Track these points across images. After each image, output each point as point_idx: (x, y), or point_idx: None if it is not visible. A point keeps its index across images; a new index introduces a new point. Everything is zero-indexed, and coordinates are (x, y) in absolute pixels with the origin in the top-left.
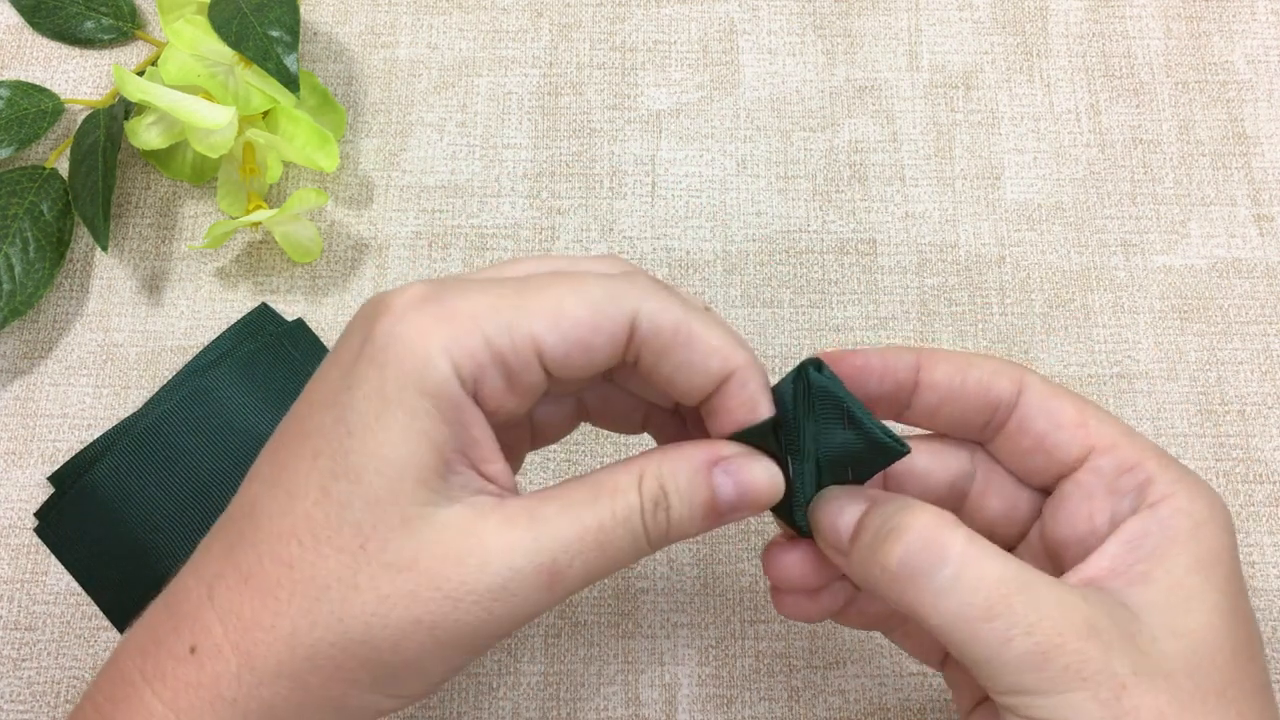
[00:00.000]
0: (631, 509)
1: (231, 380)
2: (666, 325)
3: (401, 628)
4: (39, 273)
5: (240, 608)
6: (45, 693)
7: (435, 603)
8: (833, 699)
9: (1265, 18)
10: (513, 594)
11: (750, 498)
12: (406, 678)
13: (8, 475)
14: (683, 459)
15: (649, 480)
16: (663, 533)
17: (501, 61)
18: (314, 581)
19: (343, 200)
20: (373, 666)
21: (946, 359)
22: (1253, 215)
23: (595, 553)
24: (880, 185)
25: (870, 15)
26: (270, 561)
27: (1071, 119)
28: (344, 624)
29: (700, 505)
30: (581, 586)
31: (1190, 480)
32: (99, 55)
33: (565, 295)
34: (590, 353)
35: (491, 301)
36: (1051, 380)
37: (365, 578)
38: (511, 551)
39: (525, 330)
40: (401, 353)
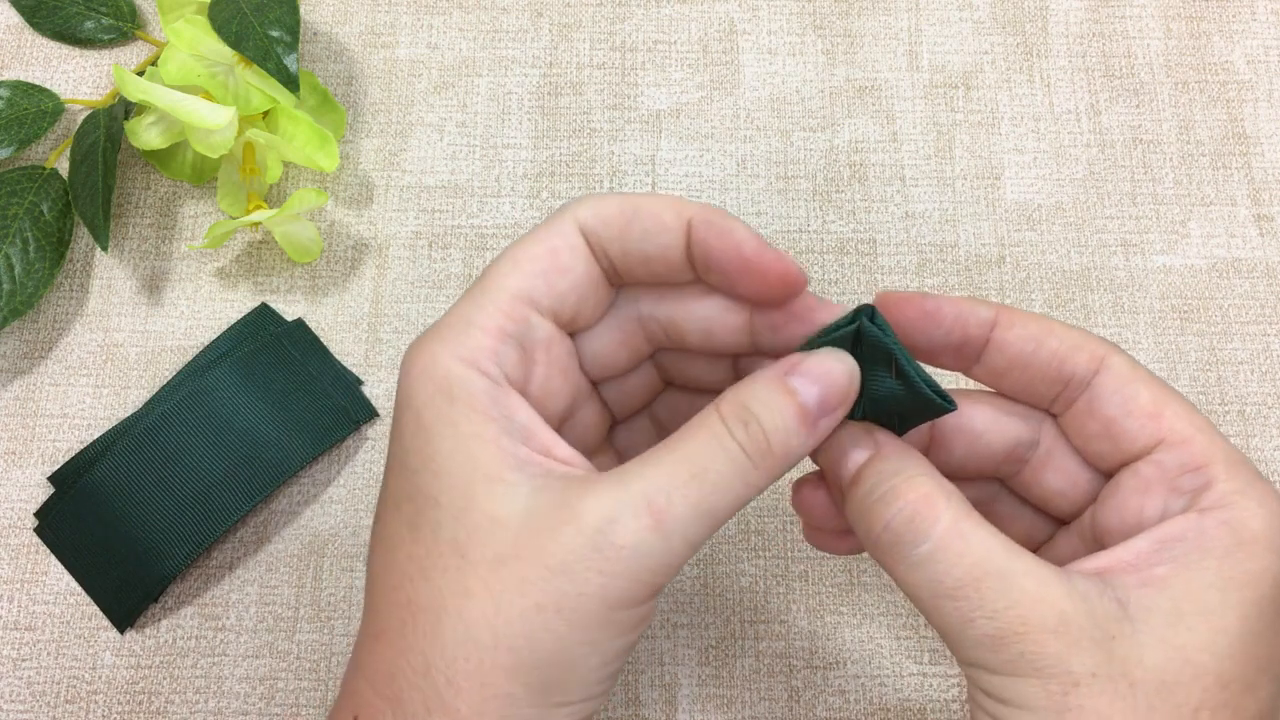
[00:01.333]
0: (717, 433)
1: (231, 380)
2: (612, 210)
3: (525, 618)
4: (39, 273)
5: (379, 662)
6: (45, 693)
7: (547, 581)
8: (833, 699)
9: (1265, 18)
10: (620, 546)
11: (833, 388)
12: (561, 680)
13: (8, 475)
14: (754, 379)
15: (726, 405)
16: (763, 448)
17: (501, 61)
18: (430, 606)
19: (343, 200)
20: (518, 673)
21: (1026, 322)
22: (1253, 215)
23: (693, 484)
24: (880, 185)
25: (870, 15)
26: (389, 608)
27: (1071, 119)
28: (470, 634)
29: (790, 410)
30: (700, 528)
31: (1257, 492)
32: (99, 55)
33: (515, 249)
34: (566, 271)
35: (466, 300)
36: (1139, 364)
37: (476, 582)
38: (602, 504)
39: (502, 295)
40: (420, 382)
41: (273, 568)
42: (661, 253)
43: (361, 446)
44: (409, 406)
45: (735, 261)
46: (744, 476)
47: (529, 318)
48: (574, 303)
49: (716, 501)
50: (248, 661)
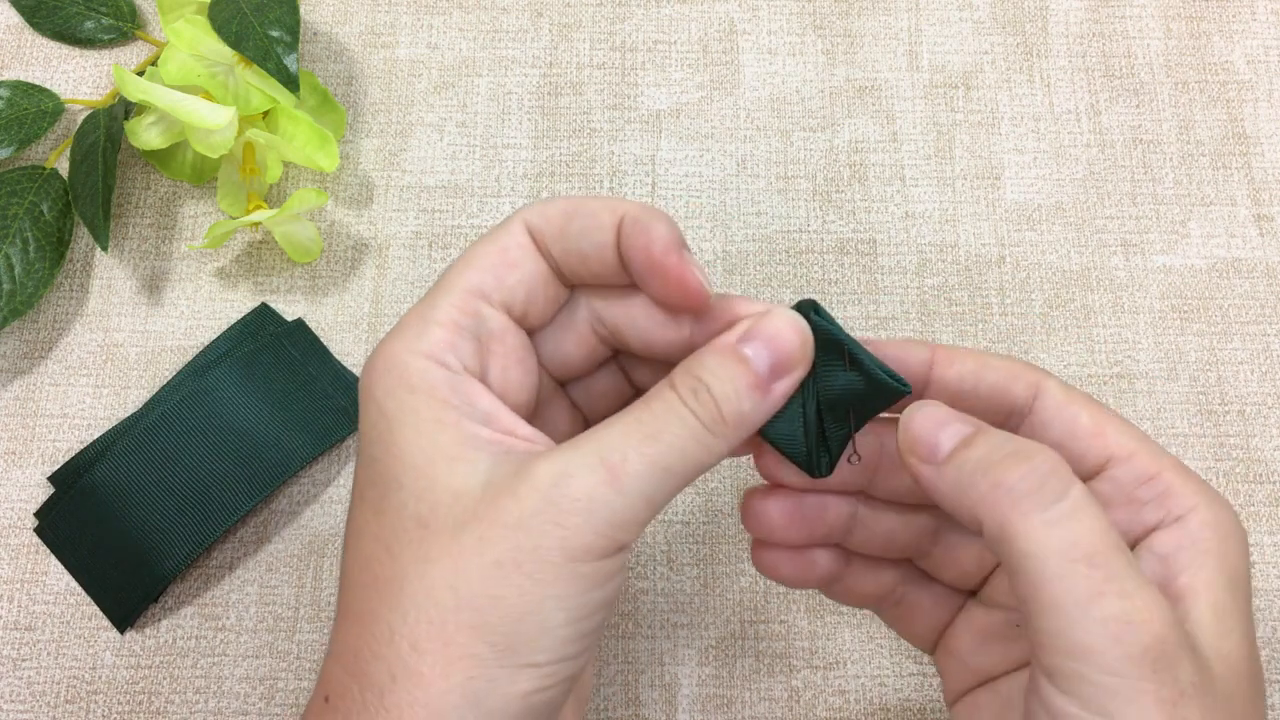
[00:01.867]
0: (669, 400)
1: (231, 380)
2: (554, 211)
3: (485, 575)
4: (39, 273)
5: (347, 641)
6: (45, 693)
7: (505, 538)
8: (833, 699)
9: (1265, 18)
10: (575, 498)
11: (785, 351)
12: (528, 638)
13: (8, 475)
14: (706, 348)
15: (679, 375)
16: (715, 414)
17: (501, 61)
18: (394, 578)
19: (343, 200)
20: (483, 632)
21: (962, 358)
22: (1253, 215)
23: (647, 443)
24: (880, 185)
25: (870, 15)
26: (357, 589)
27: (1071, 119)
28: (431, 597)
29: (740, 377)
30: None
31: (1209, 493)
32: (99, 55)
33: (470, 252)
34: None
35: (421, 302)
36: (1070, 385)
37: (436, 549)
38: (555, 463)
39: (456, 291)
40: (379, 378)
41: (273, 568)
42: (597, 251)
43: None
44: (371, 400)
45: (644, 261)
46: (700, 441)
47: (480, 310)
48: (523, 297)
49: (672, 461)
50: (248, 661)
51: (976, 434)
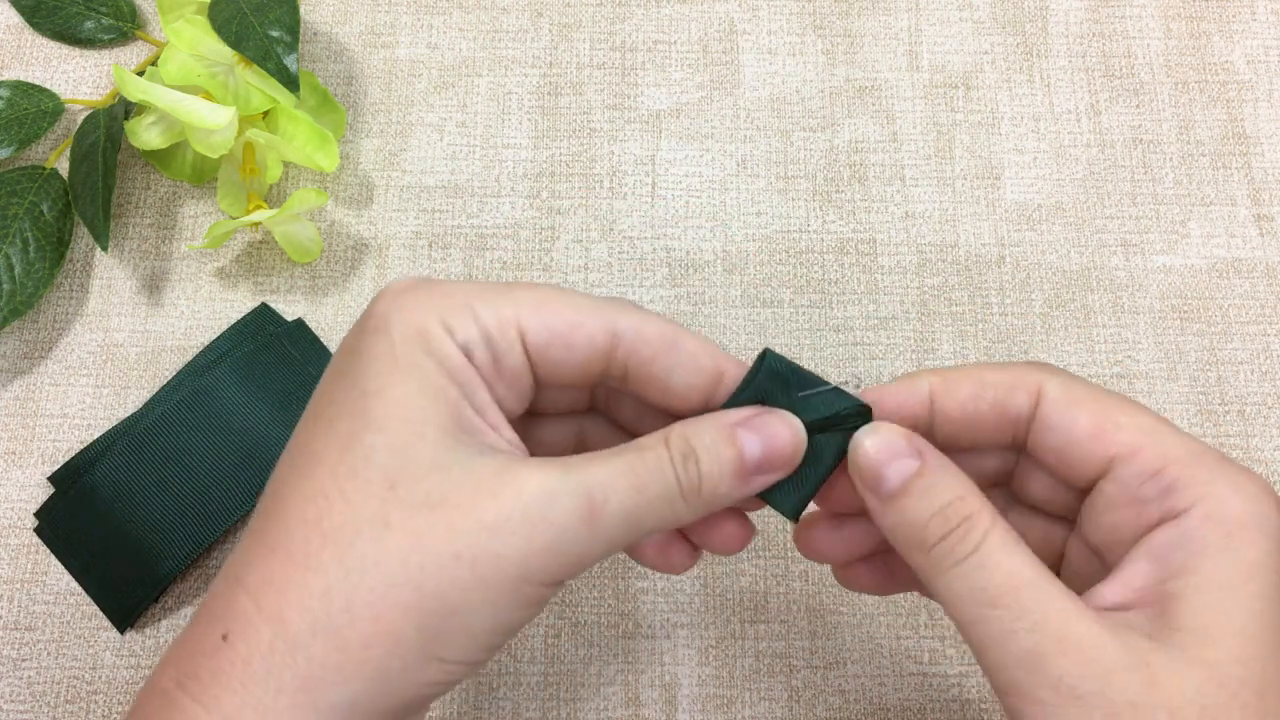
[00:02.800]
0: (662, 459)
1: (231, 380)
2: (652, 332)
3: (441, 564)
4: (39, 273)
5: (270, 577)
6: (45, 693)
7: (472, 534)
8: (833, 699)
9: (1265, 18)
10: (551, 522)
11: (776, 449)
12: (451, 634)
13: (8, 475)
14: (707, 421)
15: (675, 438)
16: (695, 486)
17: (501, 61)
18: (344, 529)
19: (343, 200)
20: (415, 616)
21: (959, 384)
22: (1253, 215)
23: (631, 493)
24: (880, 185)
25: (870, 15)
26: (297, 524)
27: (1071, 119)
28: (380, 566)
29: (728, 461)
30: (622, 534)
31: (1227, 478)
32: (99, 55)
33: (551, 294)
34: (570, 350)
35: (480, 289)
36: (1074, 381)
37: (399, 516)
38: (546, 481)
39: (510, 313)
40: (403, 321)
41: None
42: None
43: None
44: (384, 333)
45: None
46: (672, 506)
47: (514, 346)
48: (551, 370)
49: (645, 516)
50: None
51: (917, 476)
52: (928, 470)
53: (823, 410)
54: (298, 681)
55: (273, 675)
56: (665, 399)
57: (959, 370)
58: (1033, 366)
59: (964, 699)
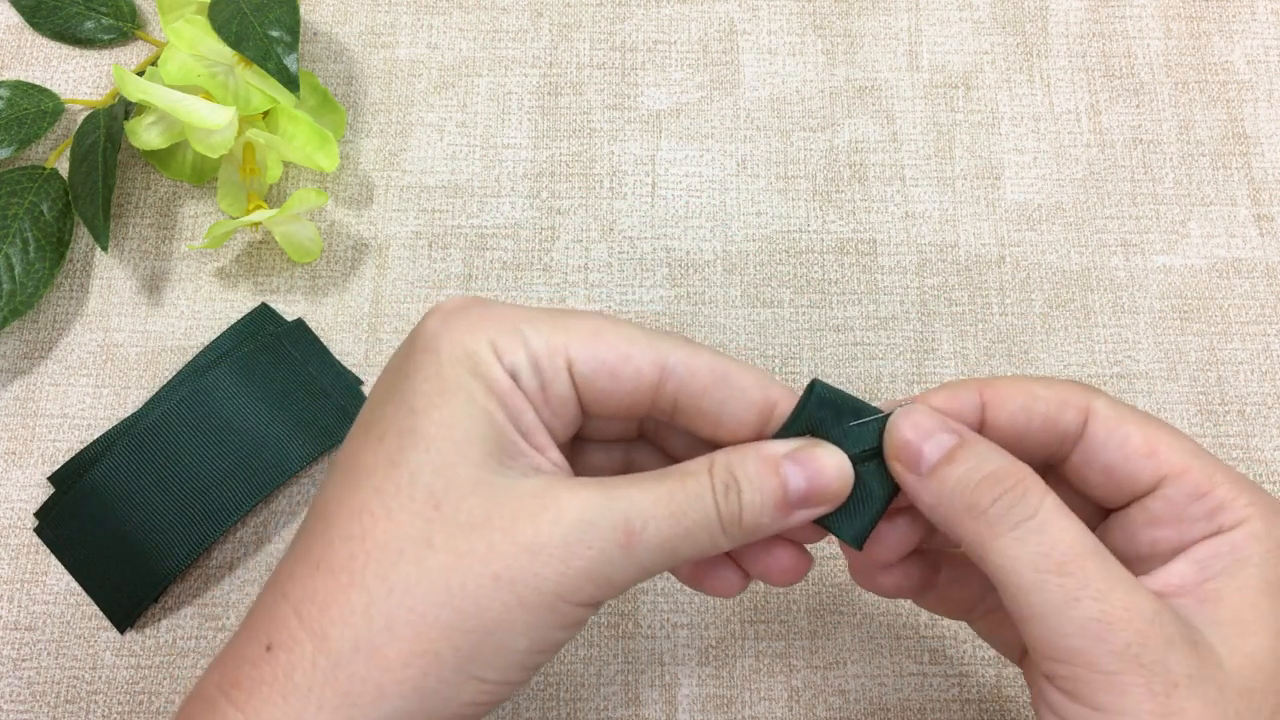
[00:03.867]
0: (703, 487)
1: (231, 380)
2: (702, 366)
3: (480, 584)
4: (39, 273)
5: (314, 592)
6: (45, 693)
7: (512, 556)
8: (833, 699)
9: (1265, 18)
10: (589, 546)
11: (820, 483)
12: (489, 653)
13: (8, 475)
14: (751, 450)
15: (718, 467)
16: (735, 517)
17: (501, 61)
18: (388, 547)
19: (343, 200)
20: (454, 635)
21: (1010, 395)
22: (1253, 215)
23: (669, 521)
24: (880, 185)
25: (870, 15)
26: (340, 540)
27: (1071, 119)
28: (421, 585)
29: (771, 493)
30: (658, 561)
31: (1268, 504)
32: (99, 55)
33: (603, 324)
34: (618, 381)
35: (531, 314)
36: (1119, 402)
37: (441, 536)
38: (586, 507)
39: (560, 341)
40: (452, 342)
41: (272, 568)
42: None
43: None
44: (433, 353)
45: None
46: (711, 536)
47: (561, 375)
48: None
49: (681, 545)
50: None
51: (959, 447)
52: (968, 442)
53: (878, 437)
54: (338, 697)
55: (314, 690)
56: (715, 433)
57: (1009, 382)
58: (1078, 385)
59: (964, 699)
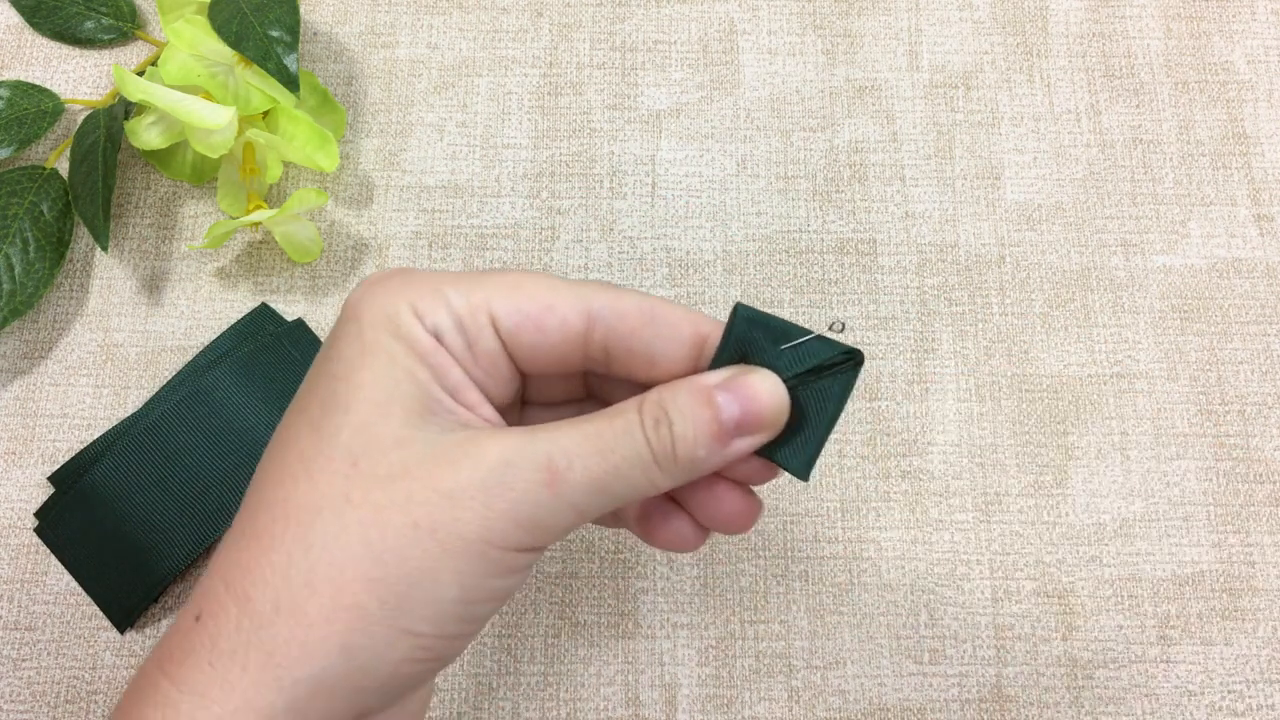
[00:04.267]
0: (631, 423)
1: (231, 380)
2: (629, 307)
3: (400, 534)
4: (39, 273)
5: (238, 559)
6: (45, 693)
7: (431, 503)
8: (833, 699)
9: (1265, 18)
10: (510, 488)
11: (755, 409)
12: (417, 604)
13: (8, 475)
14: (682, 383)
15: (648, 403)
16: (668, 451)
17: (501, 61)
18: (307, 507)
19: (343, 200)
20: (377, 588)
21: None
22: (1253, 215)
23: (596, 458)
24: (880, 185)
25: (870, 15)
26: (264, 507)
27: (1071, 119)
28: (339, 539)
29: (705, 423)
30: (590, 501)
31: None
32: (99, 55)
33: (524, 278)
34: (543, 331)
35: (453, 276)
36: None
37: (359, 492)
38: (506, 449)
39: (481, 298)
40: (373, 307)
41: None
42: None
43: None
44: (354, 320)
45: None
46: (646, 472)
47: (485, 330)
48: (527, 355)
49: (613, 483)
50: None
51: None
52: None
53: (812, 359)
54: (263, 658)
55: (238, 653)
56: (651, 374)
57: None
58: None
59: (964, 699)
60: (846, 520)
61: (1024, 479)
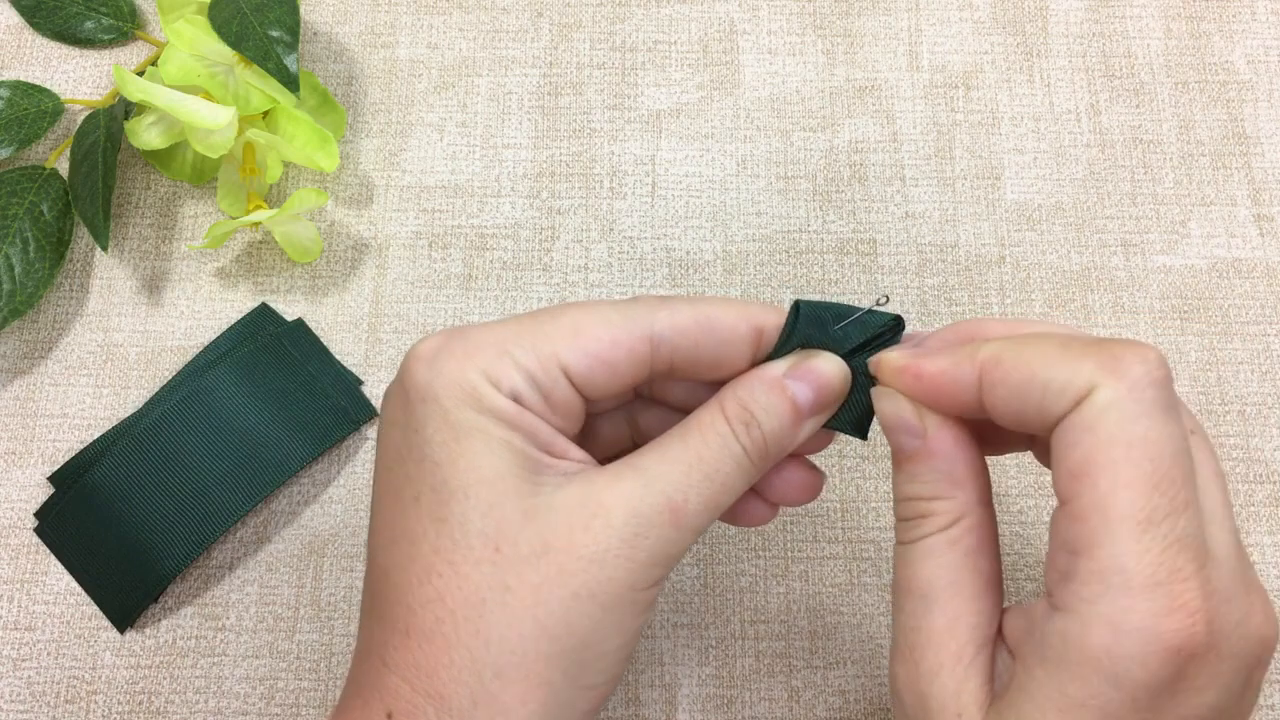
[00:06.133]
0: (724, 436)
1: (231, 380)
2: (687, 322)
3: (565, 605)
4: (39, 273)
5: (415, 658)
6: (45, 693)
7: (583, 571)
8: (833, 699)
9: (1265, 18)
10: (645, 537)
11: (825, 387)
12: (591, 661)
13: (8, 475)
14: (754, 380)
15: (731, 406)
16: (761, 448)
17: (501, 61)
18: (469, 602)
19: (343, 200)
20: (557, 660)
21: (1009, 376)
22: (1253, 215)
23: (705, 484)
24: (880, 185)
25: (870, 15)
26: (420, 606)
27: (1071, 119)
28: (514, 627)
29: (786, 414)
30: (708, 517)
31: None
32: (99, 55)
33: (581, 318)
34: (613, 368)
35: (510, 330)
36: (1130, 396)
37: (513, 577)
38: (628, 500)
39: (549, 351)
40: (448, 384)
41: (273, 568)
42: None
43: (361, 446)
44: (434, 402)
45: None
46: (745, 474)
47: (559, 380)
48: (601, 392)
49: (724, 498)
50: (248, 661)
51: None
52: (920, 456)
53: (862, 333)
54: None
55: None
56: (714, 375)
57: (1014, 355)
58: (1099, 363)
59: None
60: (846, 520)
61: (1024, 479)
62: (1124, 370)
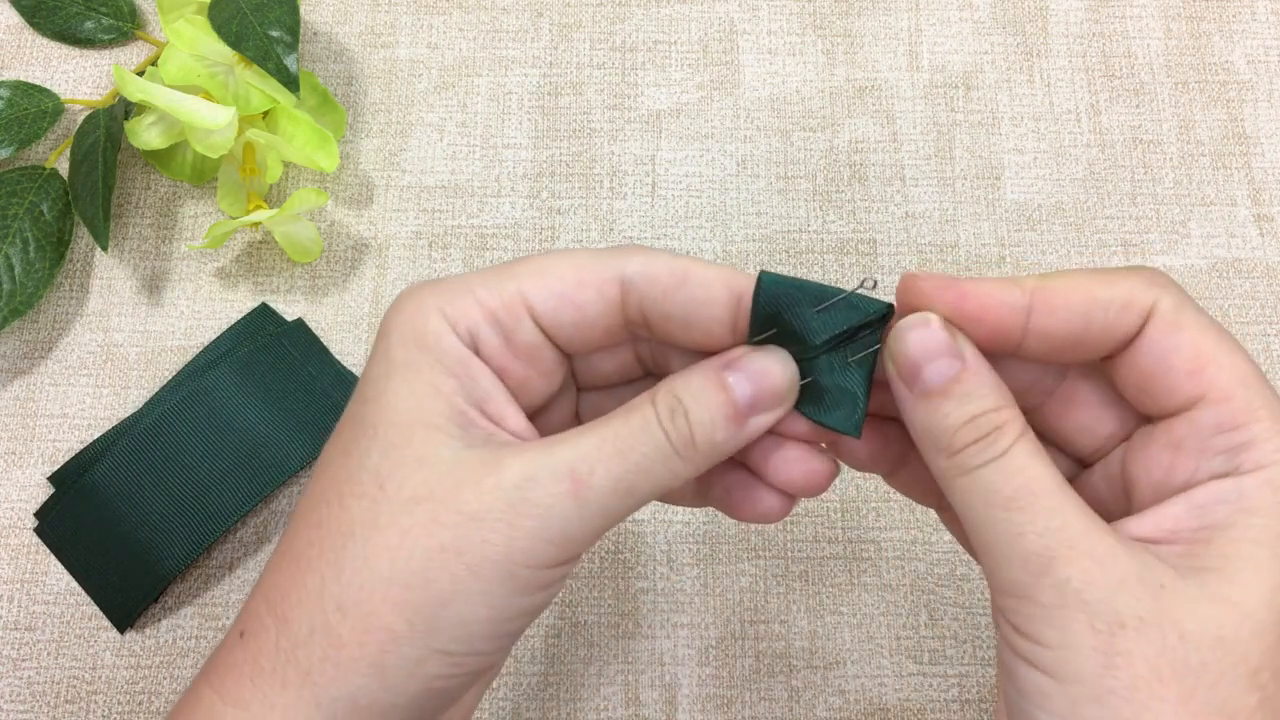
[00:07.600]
0: (647, 417)
1: (231, 380)
2: (660, 268)
3: (427, 556)
4: (39, 273)
5: (276, 580)
6: (45, 693)
7: (457, 525)
8: (833, 699)
9: (1265, 18)
10: (534, 504)
11: (767, 385)
12: (447, 624)
13: (8, 475)
14: (693, 370)
15: (661, 393)
16: (686, 438)
17: (501, 61)
18: (339, 532)
19: (343, 200)
20: (404, 608)
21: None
22: (1253, 215)
23: (616, 459)
24: (880, 185)
25: (870, 15)
26: (303, 529)
27: (1071, 119)
28: (369, 563)
29: (719, 406)
30: (617, 504)
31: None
32: (99, 55)
33: (551, 260)
34: (580, 309)
35: (481, 274)
36: (1186, 302)
37: (386, 516)
38: (527, 464)
39: (513, 288)
40: (400, 322)
41: None
42: (704, 324)
43: None
44: (384, 338)
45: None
46: (667, 464)
47: (522, 322)
48: (573, 336)
49: (637, 480)
50: None
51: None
52: (967, 375)
53: (847, 319)
54: (300, 676)
55: (278, 670)
56: (689, 337)
57: (1064, 282)
58: (1143, 278)
59: (964, 699)
60: (846, 520)
61: None
62: (1164, 282)
